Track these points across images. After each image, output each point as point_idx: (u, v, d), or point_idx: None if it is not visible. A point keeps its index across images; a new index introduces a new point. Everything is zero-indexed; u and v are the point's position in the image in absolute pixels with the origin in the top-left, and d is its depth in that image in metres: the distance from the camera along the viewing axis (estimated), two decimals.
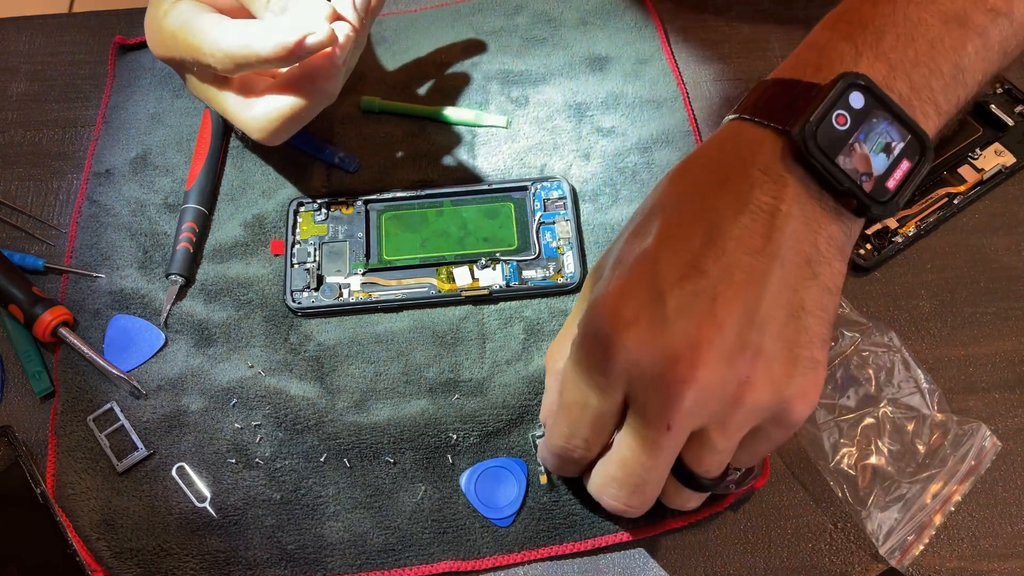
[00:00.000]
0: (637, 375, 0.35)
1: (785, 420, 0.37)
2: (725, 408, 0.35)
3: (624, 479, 0.39)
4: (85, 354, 0.52)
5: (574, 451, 0.40)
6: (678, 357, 0.34)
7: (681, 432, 0.36)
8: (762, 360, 0.35)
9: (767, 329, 0.35)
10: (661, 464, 0.38)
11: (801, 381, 0.36)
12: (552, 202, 0.58)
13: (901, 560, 0.47)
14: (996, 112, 0.59)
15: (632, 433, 0.37)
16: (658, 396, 0.35)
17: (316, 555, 0.48)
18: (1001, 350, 0.53)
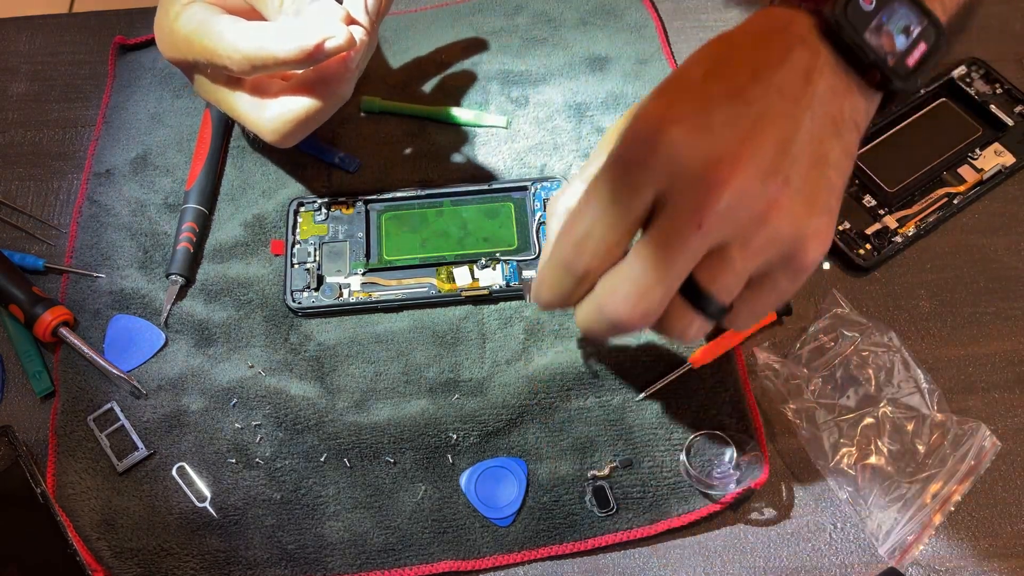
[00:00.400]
0: (676, 171, 0.37)
1: (796, 261, 0.38)
2: (751, 225, 0.37)
3: (635, 282, 0.38)
4: (85, 354, 0.52)
5: (581, 259, 0.39)
6: (720, 159, 0.36)
7: (708, 236, 0.37)
8: (789, 190, 0.37)
9: (796, 166, 0.37)
10: (679, 268, 0.38)
11: (817, 222, 0.38)
12: None
13: (901, 560, 0.47)
14: (996, 112, 0.59)
15: (658, 232, 0.38)
16: (694, 194, 0.36)
17: (316, 555, 0.48)
18: (1001, 350, 0.53)
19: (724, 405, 0.51)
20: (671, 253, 0.37)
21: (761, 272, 0.39)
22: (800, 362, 0.52)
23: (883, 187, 0.57)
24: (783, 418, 0.51)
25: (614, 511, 0.49)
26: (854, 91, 0.39)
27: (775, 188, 0.37)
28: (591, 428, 0.51)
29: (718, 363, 0.53)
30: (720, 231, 0.37)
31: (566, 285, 0.41)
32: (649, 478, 0.50)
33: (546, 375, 0.52)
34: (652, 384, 0.52)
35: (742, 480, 0.49)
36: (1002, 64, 0.62)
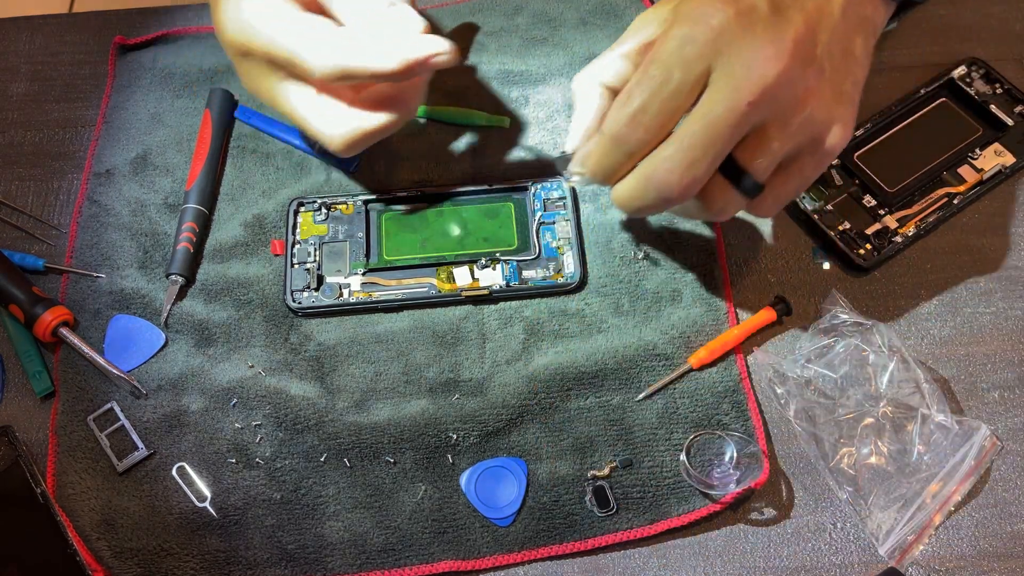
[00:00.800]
0: (731, 51, 0.40)
1: (823, 146, 0.43)
2: (790, 107, 0.41)
3: (685, 153, 0.42)
4: (85, 354, 0.52)
5: (635, 133, 0.43)
6: (772, 41, 0.40)
7: (754, 113, 0.41)
8: (824, 79, 0.42)
9: (830, 58, 0.42)
10: (726, 141, 0.41)
11: (843, 111, 0.43)
12: (552, 202, 0.58)
13: (901, 560, 0.47)
14: (996, 112, 0.59)
15: (709, 107, 0.41)
16: (747, 71, 0.40)
17: (316, 555, 0.48)
18: (1001, 350, 0.53)
19: (724, 405, 0.51)
20: (721, 126, 0.41)
21: (790, 156, 0.43)
22: (800, 362, 0.52)
23: (883, 187, 0.57)
24: (783, 418, 0.51)
25: (614, 511, 0.49)
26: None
27: (813, 75, 0.41)
28: (591, 428, 0.51)
29: (718, 363, 0.53)
30: (765, 110, 0.41)
31: (616, 158, 0.44)
32: (649, 478, 0.50)
33: (546, 375, 0.52)
34: (652, 384, 0.52)
35: (742, 480, 0.49)
36: (1002, 64, 0.62)
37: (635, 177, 0.44)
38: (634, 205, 0.45)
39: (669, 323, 0.54)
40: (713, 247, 0.56)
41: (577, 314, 0.54)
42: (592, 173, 0.46)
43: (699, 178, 0.42)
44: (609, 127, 0.44)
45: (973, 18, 0.65)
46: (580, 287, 0.55)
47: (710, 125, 0.41)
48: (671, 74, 0.41)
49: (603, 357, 0.53)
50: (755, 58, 0.40)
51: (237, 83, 0.63)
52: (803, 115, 0.42)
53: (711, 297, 0.55)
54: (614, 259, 0.56)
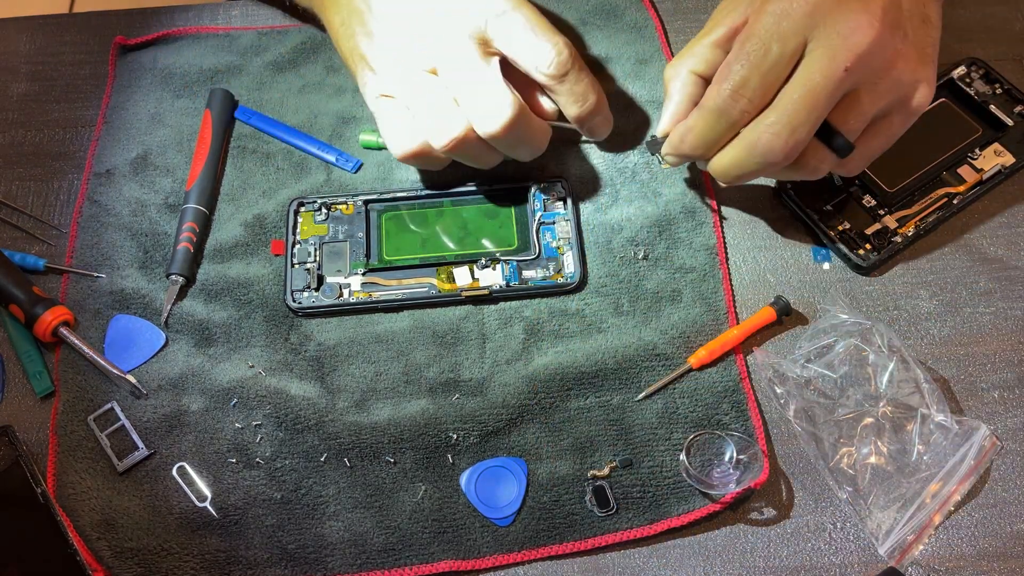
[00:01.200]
0: (827, 23, 0.44)
1: (909, 104, 0.47)
2: (879, 71, 0.45)
3: (788, 119, 0.45)
4: (86, 354, 0.52)
5: (738, 104, 0.46)
6: (864, 10, 0.44)
7: (850, 79, 0.44)
8: (908, 43, 0.46)
9: (911, 22, 0.46)
10: (825, 105, 0.45)
11: (926, 71, 0.47)
12: (552, 202, 0.58)
13: (900, 560, 0.47)
14: (996, 112, 0.59)
15: (808, 75, 0.44)
16: (843, 40, 0.44)
17: (316, 555, 0.48)
18: (1001, 350, 0.53)
19: (724, 405, 0.51)
20: (820, 93, 0.44)
21: (879, 115, 0.47)
22: (800, 362, 0.52)
23: (883, 187, 0.57)
24: (783, 418, 0.51)
25: (614, 511, 0.49)
26: None
27: (899, 41, 0.45)
28: (591, 428, 0.51)
29: (718, 363, 0.53)
30: (859, 74, 0.44)
31: (718, 130, 0.48)
32: (649, 478, 0.50)
33: (546, 375, 0.52)
34: (652, 384, 0.52)
35: (742, 480, 0.49)
36: (1002, 64, 0.62)
37: (738, 146, 0.47)
38: (735, 172, 0.49)
39: (669, 323, 0.54)
40: (713, 247, 0.56)
41: (577, 314, 0.54)
42: (692, 147, 0.49)
43: (801, 141, 0.46)
44: (712, 100, 0.47)
45: (973, 18, 0.65)
46: (580, 287, 0.55)
47: (810, 92, 0.44)
48: (769, 47, 0.45)
49: (603, 357, 0.53)
50: (849, 27, 0.43)
51: (237, 83, 0.63)
52: (892, 77, 0.45)
53: (711, 297, 0.55)
54: (614, 259, 0.56)
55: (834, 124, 0.47)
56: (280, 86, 0.63)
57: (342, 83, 0.63)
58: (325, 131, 0.61)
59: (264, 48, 0.65)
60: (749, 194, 0.59)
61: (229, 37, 0.66)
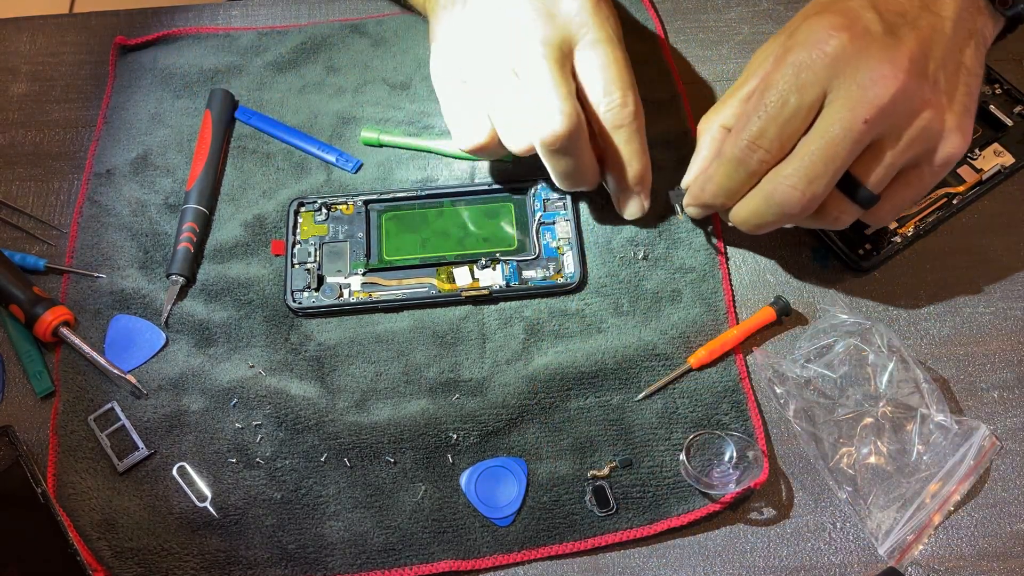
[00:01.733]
0: (847, 72, 0.43)
1: (939, 156, 0.45)
2: (905, 121, 0.43)
3: (806, 170, 0.44)
4: (86, 354, 0.52)
5: (755, 155, 0.45)
6: (888, 60, 0.42)
7: (872, 130, 0.43)
8: (939, 91, 0.44)
9: (943, 71, 0.44)
10: (844, 157, 0.43)
11: (960, 120, 0.44)
12: (552, 202, 0.58)
13: (900, 559, 0.47)
14: (995, 112, 0.59)
15: (828, 126, 0.43)
16: (863, 93, 0.42)
17: (316, 555, 0.48)
18: (1001, 350, 0.53)
19: (724, 405, 0.51)
20: (839, 145, 0.43)
21: (908, 166, 0.45)
22: (799, 362, 0.52)
23: None
24: (782, 418, 0.51)
25: (614, 511, 0.49)
26: (984, 12, 0.47)
27: (928, 89, 0.43)
28: (591, 428, 0.51)
29: (718, 363, 0.53)
30: (881, 126, 0.43)
31: (737, 180, 0.47)
32: (649, 478, 0.50)
33: (546, 375, 0.52)
34: (652, 384, 0.52)
35: (742, 480, 0.49)
36: (1002, 64, 0.62)
37: (756, 196, 0.47)
38: (755, 222, 0.48)
39: (669, 323, 0.54)
40: (713, 247, 0.56)
41: (577, 314, 0.54)
42: (711, 196, 0.49)
43: (819, 194, 0.45)
44: (730, 150, 0.47)
45: None
46: (580, 287, 0.55)
47: (828, 144, 0.43)
48: (788, 99, 0.44)
49: (603, 357, 0.53)
50: (871, 78, 0.42)
51: (237, 83, 0.63)
52: (917, 129, 0.43)
53: (711, 297, 0.55)
54: (614, 259, 0.56)
55: (857, 175, 0.45)
56: (280, 86, 0.63)
57: (342, 83, 0.63)
58: (325, 131, 0.61)
59: (264, 48, 0.65)
60: None
61: (229, 37, 0.66)
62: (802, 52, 0.44)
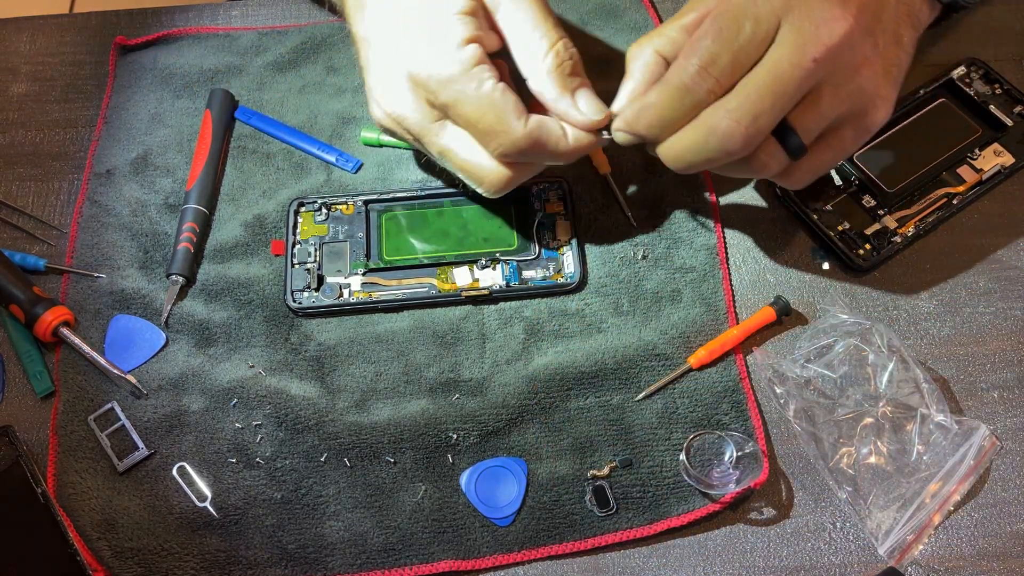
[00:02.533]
0: (800, 4, 0.42)
1: (865, 119, 0.45)
2: (846, 71, 0.43)
3: (752, 105, 0.42)
4: (86, 354, 0.52)
5: (705, 83, 0.43)
6: (840, 4, 0.42)
7: (817, 71, 0.42)
8: (877, 53, 0.44)
9: (883, 36, 0.45)
10: (790, 96, 0.43)
11: (888, 90, 0.45)
12: (552, 202, 0.58)
13: (900, 559, 0.47)
14: (995, 112, 0.59)
15: (776, 59, 0.42)
16: (815, 28, 0.42)
17: (316, 555, 0.48)
18: (1001, 350, 0.53)
19: (724, 405, 0.51)
20: (787, 80, 0.42)
21: (834, 125, 0.45)
22: (799, 362, 0.52)
23: (883, 187, 0.57)
24: (782, 418, 0.51)
25: (614, 511, 0.49)
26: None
27: (869, 47, 0.43)
28: (591, 428, 0.51)
29: (718, 363, 0.53)
30: (826, 69, 0.42)
31: (680, 110, 0.44)
32: (649, 478, 0.50)
33: (546, 375, 0.52)
34: (652, 384, 0.52)
35: (742, 480, 0.49)
36: (1002, 64, 0.62)
37: (696, 130, 0.44)
38: (689, 159, 0.45)
39: (669, 323, 0.54)
40: (713, 247, 0.56)
41: (577, 314, 0.54)
42: (648, 125, 0.45)
43: (762, 131, 0.43)
44: (677, 76, 0.44)
45: (973, 18, 0.65)
46: (580, 287, 0.55)
47: (777, 79, 0.42)
48: (742, 25, 0.42)
49: (603, 357, 0.53)
50: (823, 16, 0.42)
51: (237, 83, 0.63)
52: (856, 83, 0.43)
53: (711, 297, 0.55)
54: (614, 259, 0.56)
55: (792, 120, 0.44)
56: (280, 86, 0.63)
57: (342, 83, 0.63)
58: (325, 131, 0.61)
59: (264, 48, 0.65)
60: (749, 194, 0.59)
61: (229, 37, 0.66)
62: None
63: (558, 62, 0.46)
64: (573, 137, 0.47)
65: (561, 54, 0.46)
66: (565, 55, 0.46)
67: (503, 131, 0.45)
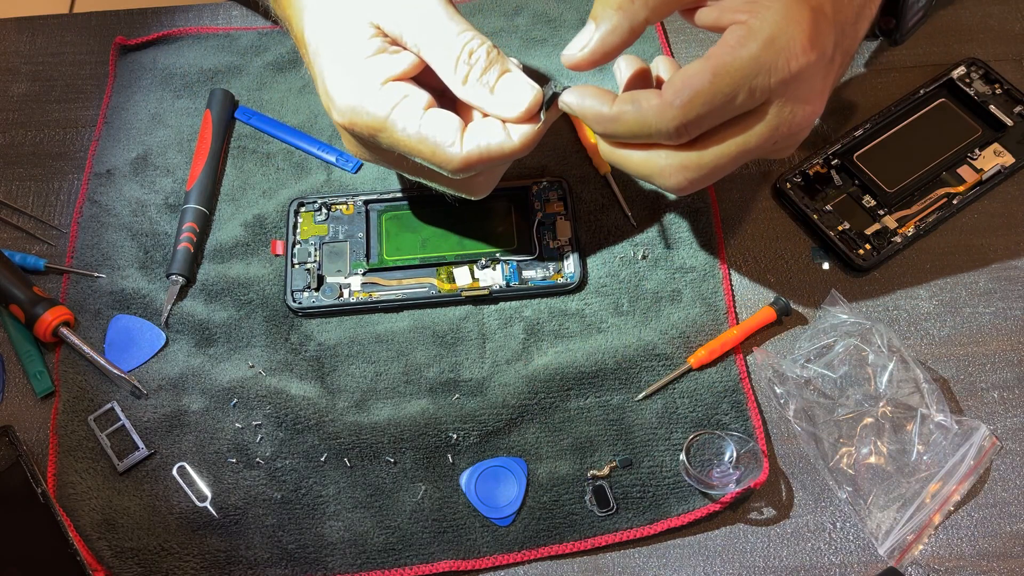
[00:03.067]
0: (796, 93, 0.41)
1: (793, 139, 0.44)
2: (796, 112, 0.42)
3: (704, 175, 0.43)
4: (86, 354, 0.52)
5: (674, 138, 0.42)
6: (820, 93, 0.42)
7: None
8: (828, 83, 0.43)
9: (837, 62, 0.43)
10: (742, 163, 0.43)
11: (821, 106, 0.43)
12: (552, 202, 0.58)
13: (900, 559, 0.47)
14: (995, 112, 0.59)
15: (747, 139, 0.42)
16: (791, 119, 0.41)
17: (316, 554, 0.48)
18: (1001, 350, 0.53)
19: (724, 405, 0.51)
20: (749, 155, 0.42)
21: None
22: (799, 362, 0.52)
23: (883, 187, 0.57)
24: (782, 418, 0.51)
25: (614, 511, 0.49)
26: None
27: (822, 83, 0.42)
28: (591, 428, 0.51)
29: (718, 363, 0.53)
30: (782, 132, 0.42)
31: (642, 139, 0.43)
32: (649, 478, 0.50)
33: (546, 375, 0.52)
34: (652, 384, 0.52)
35: (742, 480, 0.49)
36: (1002, 64, 0.62)
37: (646, 163, 0.44)
38: (623, 169, 0.45)
39: (669, 323, 0.54)
40: (713, 247, 0.56)
41: (577, 314, 0.54)
42: (603, 131, 0.44)
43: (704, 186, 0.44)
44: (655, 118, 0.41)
45: (973, 18, 0.65)
46: (580, 287, 0.55)
47: (743, 153, 0.42)
48: (737, 94, 0.40)
49: (603, 357, 0.53)
50: (803, 110, 0.41)
51: (237, 83, 0.63)
52: (800, 115, 0.42)
53: (711, 297, 0.55)
54: (614, 259, 0.56)
55: None
56: (280, 86, 0.63)
57: None
58: (325, 131, 0.61)
59: (264, 48, 0.65)
60: (749, 194, 0.59)
61: (229, 37, 0.66)
62: (770, 54, 0.40)
63: (467, 71, 0.44)
64: (518, 135, 0.44)
65: (467, 61, 0.44)
66: (471, 60, 0.44)
67: (442, 161, 0.44)
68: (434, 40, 0.44)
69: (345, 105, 0.45)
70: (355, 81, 0.44)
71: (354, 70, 0.45)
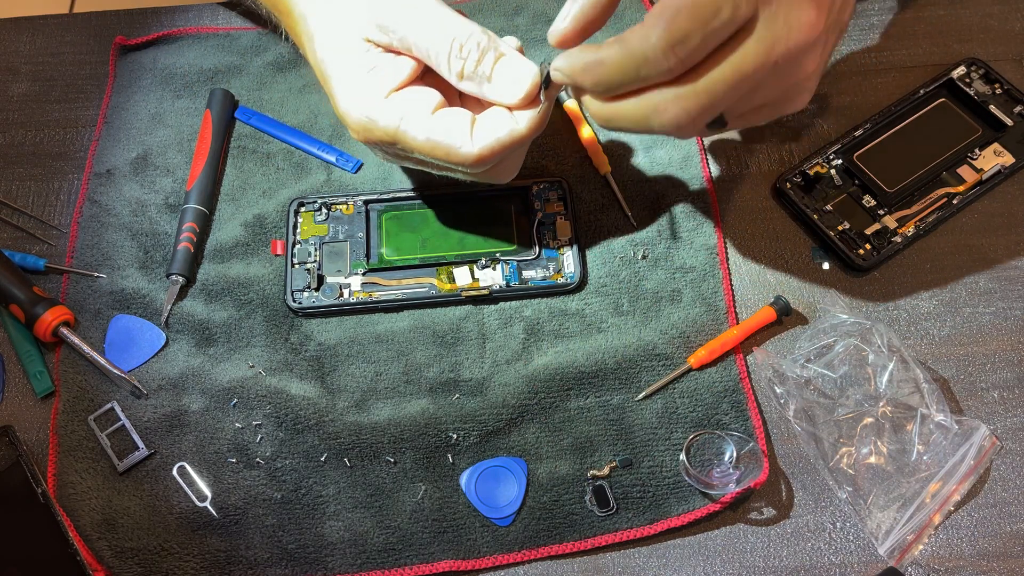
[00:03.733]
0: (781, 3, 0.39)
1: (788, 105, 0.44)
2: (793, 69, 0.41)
3: (703, 102, 0.40)
4: (86, 354, 0.52)
5: (663, 63, 0.40)
6: (815, 6, 0.40)
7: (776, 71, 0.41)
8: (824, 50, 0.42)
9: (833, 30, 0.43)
10: (744, 92, 0.41)
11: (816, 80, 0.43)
12: (552, 202, 0.58)
13: (900, 559, 0.47)
14: (995, 112, 0.59)
15: (743, 56, 0.40)
16: (787, 31, 0.39)
17: (316, 554, 0.48)
18: (1001, 350, 0.53)
19: (724, 405, 0.51)
20: (747, 79, 0.40)
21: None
22: (799, 362, 0.52)
23: (883, 187, 0.57)
24: (782, 418, 0.51)
25: (614, 511, 0.49)
26: None
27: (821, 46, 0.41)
28: (591, 428, 0.51)
29: (718, 363, 0.53)
30: (779, 69, 0.40)
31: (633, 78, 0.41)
32: (649, 478, 0.50)
33: (546, 375, 0.52)
34: (652, 384, 0.52)
35: (742, 480, 0.49)
36: (1002, 64, 0.62)
37: (641, 105, 0.42)
38: (620, 125, 0.43)
39: (669, 323, 0.54)
40: (713, 247, 0.56)
41: (577, 314, 0.54)
42: (594, 84, 0.42)
43: (705, 122, 0.42)
44: (640, 45, 0.40)
45: (973, 18, 0.65)
46: (580, 287, 0.55)
47: (740, 77, 0.40)
48: (720, 8, 0.38)
49: (603, 357, 0.53)
50: (799, 18, 0.40)
51: (237, 83, 0.63)
52: (796, 77, 0.41)
53: (711, 297, 0.55)
54: (614, 259, 0.56)
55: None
56: (280, 86, 0.63)
57: None
58: (325, 131, 0.61)
59: (264, 48, 0.65)
60: (749, 194, 0.59)
61: (229, 37, 0.66)
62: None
63: (460, 66, 0.44)
64: (524, 120, 0.45)
65: (458, 56, 0.44)
66: (463, 53, 0.44)
67: (457, 160, 0.45)
68: (423, 40, 0.45)
69: (357, 124, 0.46)
70: (361, 99, 0.45)
71: (358, 88, 0.45)
